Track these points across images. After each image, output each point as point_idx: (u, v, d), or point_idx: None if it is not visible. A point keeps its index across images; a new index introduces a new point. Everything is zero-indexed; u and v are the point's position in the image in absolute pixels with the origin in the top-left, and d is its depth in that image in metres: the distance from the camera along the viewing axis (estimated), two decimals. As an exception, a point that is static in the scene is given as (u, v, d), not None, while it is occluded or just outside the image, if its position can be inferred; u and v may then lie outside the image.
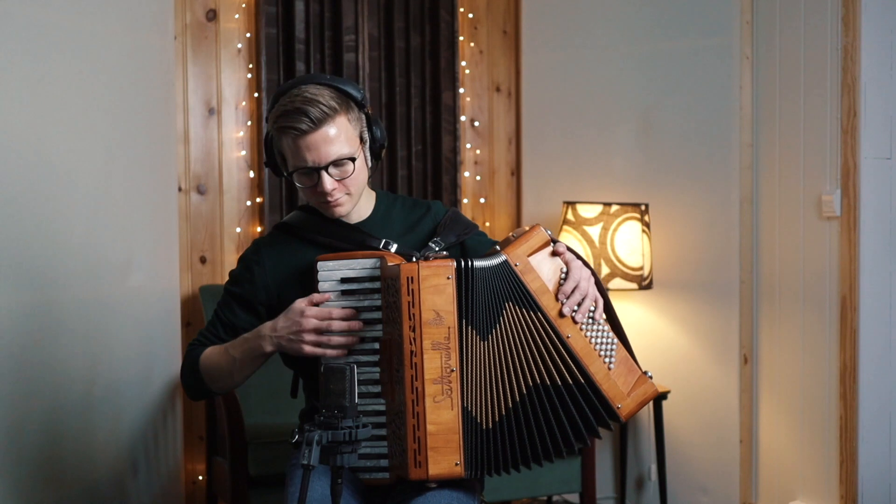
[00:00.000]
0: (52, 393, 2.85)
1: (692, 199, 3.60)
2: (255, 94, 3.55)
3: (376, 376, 1.91)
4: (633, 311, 3.71)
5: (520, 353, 1.87)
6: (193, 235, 3.50)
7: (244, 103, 3.57)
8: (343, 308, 1.91)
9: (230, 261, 3.53)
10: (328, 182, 1.95)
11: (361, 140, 2.00)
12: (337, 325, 1.90)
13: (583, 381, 1.88)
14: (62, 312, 2.88)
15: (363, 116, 2.01)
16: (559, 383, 1.88)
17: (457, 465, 1.84)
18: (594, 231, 3.45)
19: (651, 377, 1.94)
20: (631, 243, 3.43)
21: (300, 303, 1.92)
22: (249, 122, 3.57)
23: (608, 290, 3.45)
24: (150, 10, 3.25)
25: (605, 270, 3.43)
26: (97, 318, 3.00)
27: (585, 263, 1.95)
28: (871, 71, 3.01)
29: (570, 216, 3.52)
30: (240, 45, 3.56)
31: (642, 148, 3.71)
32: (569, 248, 1.93)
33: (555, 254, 1.91)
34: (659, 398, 3.49)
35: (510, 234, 1.98)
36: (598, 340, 1.91)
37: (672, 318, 3.65)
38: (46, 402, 2.83)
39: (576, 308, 1.89)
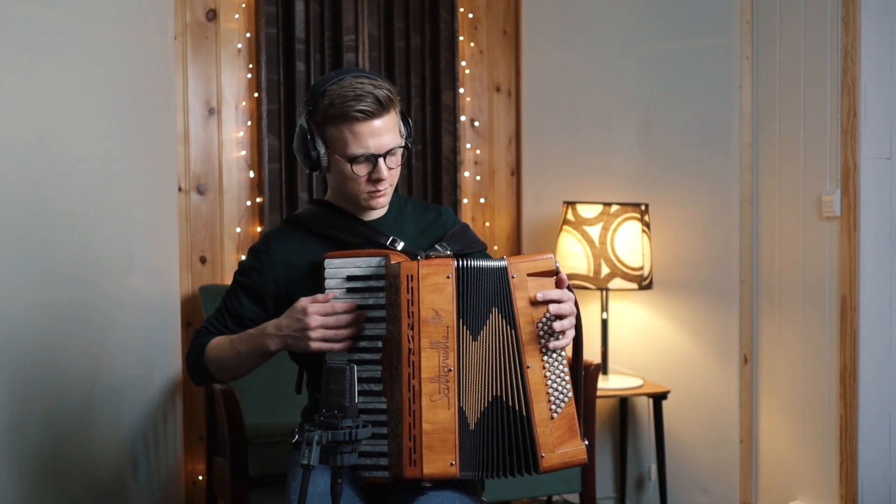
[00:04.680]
0: (52, 393, 2.85)
1: (692, 199, 3.60)
2: (255, 94, 3.55)
3: (378, 374, 1.91)
4: (633, 311, 3.71)
5: (494, 361, 1.87)
6: (193, 235, 3.50)
7: (244, 103, 3.57)
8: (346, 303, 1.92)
9: (230, 261, 3.53)
10: (385, 169, 1.98)
11: (400, 133, 2.05)
12: (342, 318, 1.91)
13: (524, 414, 1.86)
14: (62, 312, 2.88)
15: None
16: (509, 405, 1.86)
17: (452, 464, 1.84)
18: (594, 231, 3.45)
19: (587, 445, 1.91)
20: (631, 243, 3.43)
21: (303, 301, 1.93)
22: (249, 122, 3.57)
23: (608, 289, 3.46)
24: (150, 10, 3.25)
25: (605, 270, 3.43)
26: (97, 318, 3.00)
27: (576, 304, 1.93)
28: (871, 71, 3.01)
29: (570, 216, 3.52)
30: (240, 45, 3.56)
31: (642, 148, 3.71)
32: (569, 288, 1.92)
33: (557, 285, 1.90)
34: (659, 398, 3.49)
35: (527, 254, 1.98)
36: (554, 386, 1.89)
37: (672, 318, 3.65)
38: (46, 401, 2.83)
39: (544, 336, 1.87)
